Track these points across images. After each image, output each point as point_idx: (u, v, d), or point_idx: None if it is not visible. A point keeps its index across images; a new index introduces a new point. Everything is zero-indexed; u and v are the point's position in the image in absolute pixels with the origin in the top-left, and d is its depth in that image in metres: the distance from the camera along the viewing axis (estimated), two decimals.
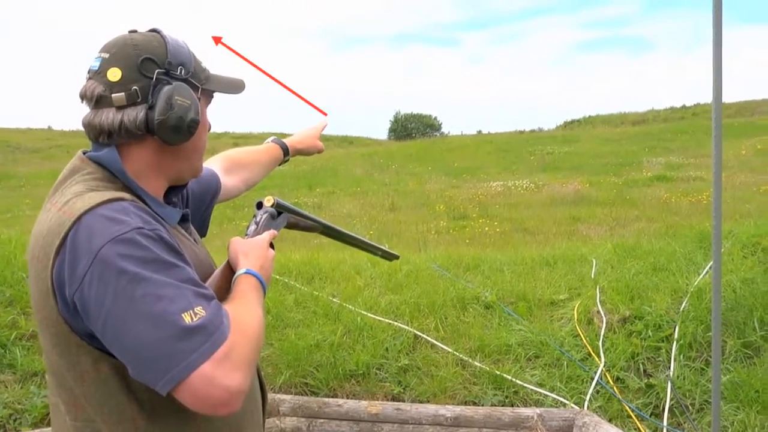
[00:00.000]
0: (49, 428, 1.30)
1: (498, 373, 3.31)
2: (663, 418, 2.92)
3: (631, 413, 2.98)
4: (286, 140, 1.82)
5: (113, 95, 1.15)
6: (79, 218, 1.04)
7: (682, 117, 33.52)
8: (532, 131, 39.46)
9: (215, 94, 1.33)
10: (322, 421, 3.17)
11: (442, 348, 3.62)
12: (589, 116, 42.49)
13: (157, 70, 1.17)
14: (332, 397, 3.35)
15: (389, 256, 1.94)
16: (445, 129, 57.35)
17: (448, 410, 3.04)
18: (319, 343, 3.64)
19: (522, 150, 23.54)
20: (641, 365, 3.28)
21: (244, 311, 1.12)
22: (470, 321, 3.91)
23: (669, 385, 3.08)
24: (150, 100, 1.16)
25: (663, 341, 3.37)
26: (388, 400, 3.31)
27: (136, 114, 1.15)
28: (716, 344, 2.14)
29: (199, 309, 1.02)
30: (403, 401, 3.26)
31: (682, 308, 3.60)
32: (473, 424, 2.96)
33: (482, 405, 3.14)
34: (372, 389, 3.38)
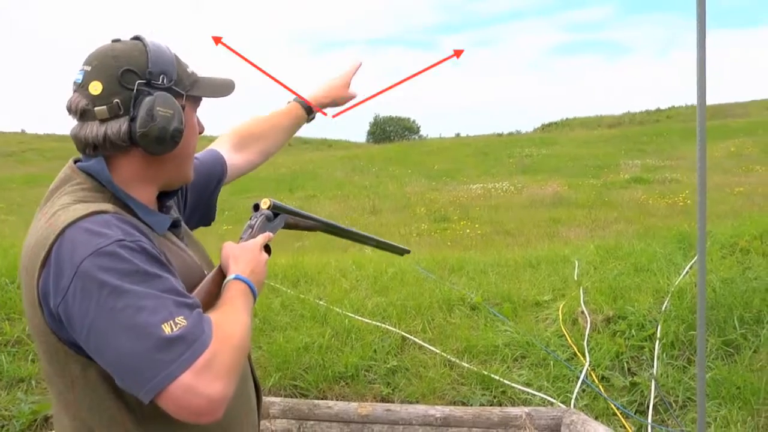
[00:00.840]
0: None
1: (486, 373, 3.35)
2: (648, 416, 2.98)
3: (616, 411, 3.04)
4: (308, 96, 1.72)
5: (96, 108, 1.16)
6: (62, 231, 1.06)
7: (657, 120, 34.02)
8: (510, 134, 39.73)
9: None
10: (312, 422, 3.18)
11: (429, 349, 3.66)
12: (567, 119, 42.92)
13: (137, 81, 1.18)
14: (322, 398, 3.36)
15: (399, 251, 1.86)
16: (423, 132, 57.46)
17: (438, 410, 3.07)
18: (307, 346, 3.65)
19: (501, 152, 23.70)
20: (625, 364, 3.34)
21: (229, 319, 1.13)
22: (457, 322, 3.95)
23: (653, 383, 3.15)
24: (132, 112, 1.17)
25: (646, 340, 3.44)
26: (377, 401, 3.33)
27: (119, 126, 1.16)
28: (701, 343, 2.20)
29: (180, 319, 1.03)
30: (393, 402, 3.28)
31: (663, 308, 3.67)
32: (463, 424, 3.00)
33: (471, 405, 3.17)
34: (361, 391, 3.41)
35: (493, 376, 3.33)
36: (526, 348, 3.58)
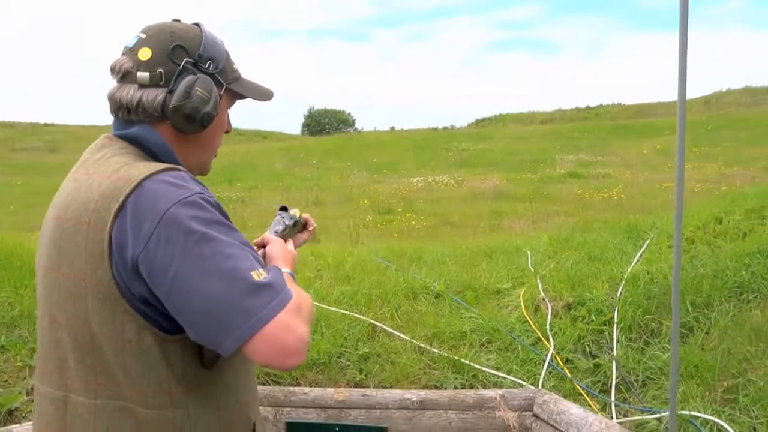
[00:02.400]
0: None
1: (456, 358, 3.45)
2: (611, 395, 3.15)
3: (582, 391, 3.20)
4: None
5: (138, 73, 1.18)
6: (140, 183, 1.07)
7: (587, 117, 35.20)
8: (445, 128, 40.25)
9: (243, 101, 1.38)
10: (288, 409, 3.21)
11: (399, 336, 3.74)
12: (500, 114, 43.81)
13: (186, 59, 1.21)
14: (296, 386, 3.39)
15: None
16: (358, 125, 57.54)
17: (414, 394, 3.15)
18: None
19: (438, 146, 24.07)
20: (587, 347, 3.51)
21: (296, 287, 1.17)
22: (423, 310, 4.04)
23: (614, 364, 3.32)
24: (172, 85, 1.19)
25: (605, 325, 3.62)
26: (351, 386, 3.39)
27: (155, 95, 1.18)
28: (675, 327, 2.36)
29: (262, 270, 1.07)
30: (367, 387, 3.35)
31: (619, 294, 3.87)
32: (439, 407, 3.09)
33: (445, 389, 3.27)
34: (335, 377, 3.46)
35: (463, 360, 3.43)
36: (492, 334, 3.71)
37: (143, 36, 1.22)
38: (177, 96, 1.18)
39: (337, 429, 3.10)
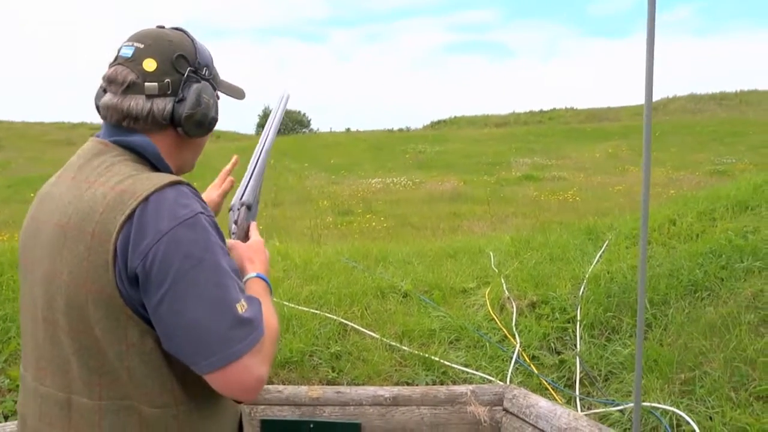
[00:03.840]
0: None
1: (426, 355, 3.54)
2: (576, 389, 3.28)
3: (548, 386, 3.32)
4: None
5: (146, 84, 1.22)
6: (146, 198, 1.11)
7: (540, 121, 35.93)
8: (401, 130, 40.48)
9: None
10: (263, 407, 3.24)
11: (369, 334, 3.80)
12: (455, 117, 44.28)
13: (188, 68, 1.28)
14: (269, 384, 3.42)
15: None
16: (313, 125, 57.36)
17: (387, 391, 3.22)
18: None
19: (395, 148, 24.24)
20: (552, 344, 3.64)
21: (268, 311, 1.24)
22: (392, 309, 4.12)
23: (577, 360, 3.46)
24: (180, 94, 1.25)
25: (569, 322, 3.76)
26: (324, 384, 3.44)
27: (164, 105, 1.24)
28: (640, 324, 2.49)
29: (244, 302, 1.14)
30: (340, 385, 3.40)
31: (581, 293, 4.02)
32: (412, 402, 3.17)
33: (416, 385, 3.35)
34: (307, 375, 3.50)
35: (433, 358, 3.52)
36: (459, 332, 3.81)
37: (140, 46, 1.24)
38: (189, 104, 1.25)
39: (311, 426, 3.15)
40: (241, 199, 1.57)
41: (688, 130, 23.41)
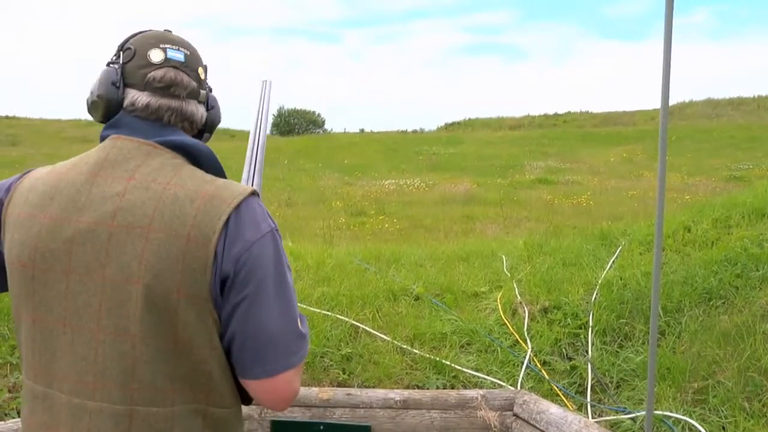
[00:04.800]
0: None
1: (438, 359, 3.54)
2: (587, 395, 3.26)
3: (559, 392, 3.31)
4: None
5: (201, 91, 1.27)
6: (239, 206, 1.12)
7: (555, 124, 35.81)
8: (415, 131, 40.49)
9: None
10: None
11: (381, 337, 3.80)
12: (469, 119, 44.24)
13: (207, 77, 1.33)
14: None
15: None
16: (327, 126, 57.49)
17: (397, 394, 3.22)
18: None
19: (409, 150, 24.23)
20: (564, 350, 3.63)
21: None
22: (403, 311, 4.12)
23: (589, 366, 3.45)
24: (208, 103, 1.31)
25: (581, 328, 3.75)
26: (334, 386, 3.45)
27: (203, 112, 1.30)
28: (653, 331, 2.47)
29: (299, 318, 1.18)
30: (351, 387, 3.41)
31: (593, 299, 4.00)
32: (422, 406, 3.17)
33: (427, 388, 3.35)
34: (318, 376, 3.51)
35: (444, 361, 3.52)
36: (471, 336, 3.80)
37: (187, 53, 1.27)
38: (218, 113, 1.34)
39: (321, 427, 3.15)
40: None
41: (705, 135, 23.23)
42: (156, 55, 1.23)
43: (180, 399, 1.13)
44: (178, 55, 1.25)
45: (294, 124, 55.07)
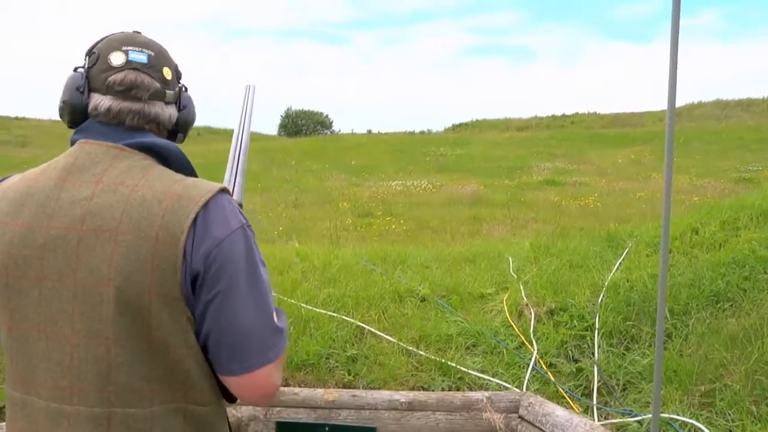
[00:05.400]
0: None
1: (443, 361, 3.53)
2: (593, 398, 3.25)
3: (564, 394, 3.30)
4: None
5: (167, 92, 1.26)
6: (206, 204, 1.12)
7: (562, 125, 35.71)
8: (422, 132, 40.47)
9: None
10: (278, 409, 3.25)
11: (386, 338, 3.80)
12: (477, 120, 44.21)
13: (179, 77, 1.33)
14: (285, 386, 3.44)
15: None
16: (335, 127, 57.50)
17: (402, 395, 3.22)
18: None
19: (416, 151, 24.21)
20: (570, 352, 3.62)
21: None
22: (409, 313, 4.11)
23: (595, 368, 3.43)
24: (181, 102, 1.31)
25: (587, 330, 3.73)
26: (340, 387, 3.44)
27: (172, 112, 1.29)
28: (659, 334, 2.46)
29: (275, 312, 1.18)
30: (356, 388, 3.40)
31: (600, 301, 3.99)
32: (427, 408, 3.16)
33: (432, 390, 3.34)
34: (323, 378, 3.51)
35: (450, 363, 3.51)
36: (477, 337, 3.79)
37: (151, 53, 1.26)
38: (191, 112, 1.33)
39: (326, 429, 3.15)
40: None
41: (714, 136, 23.10)
42: (117, 58, 1.23)
43: (158, 399, 1.13)
44: (140, 57, 1.24)
45: (302, 125, 55.16)
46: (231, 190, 1.52)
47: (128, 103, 1.22)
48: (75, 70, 1.26)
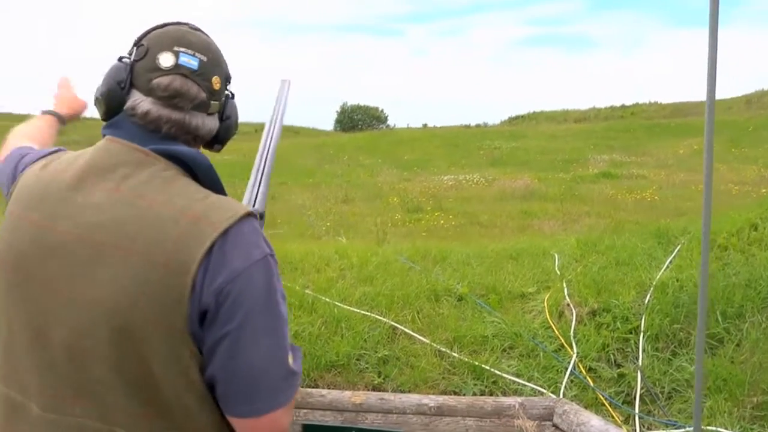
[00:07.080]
0: None
1: (477, 363, 3.40)
2: (635, 406, 3.06)
3: (604, 401, 3.12)
4: (55, 108, 1.66)
5: (212, 102, 1.15)
6: (226, 231, 1.03)
7: (622, 116, 34.66)
8: (478, 126, 40.06)
9: None
10: (305, 411, 3.20)
11: (419, 339, 3.69)
12: (533, 112, 43.45)
13: (229, 81, 1.22)
14: (313, 387, 3.38)
15: None
16: (390, 121, 57.56)
17: (431, 400, 3.11)
18: (297, 334, 3.66)
19: (470, 144, 23.91)
20: (612, 356, 3.43)
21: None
22: (445, 313, 3.99)
23: (639, 374, 3.24)
24: (225, 114, 1.20)
25: (631, 333, 3.53)
26: (369, 390, 3.36)
27: (214, 123, 1.19)
28: (700, 339, 2.28)
29: (291, 352, 1.07)
30: (385, 391, 3.31)
31: (646, 301, 3.77)
32: (456, 413, 3.04)
33: (463, 395, 3.22)
34: (353, 379, 3.43)
35: (483, 366, 3.38)
36: (514, 339, 3.64)
37: (204, 59, 1.15)
38: (234, 125, 1.22)
39: None
40: (253, 207, 1.43)
41: None
42: (166, 60, 1.13)
43: (158, 424, 1.05)
44: (191, 62, 1.14)
45: (357, 120, 55.44)
46: (254, 196, 1.41)
47: (168, 111, 1.13)
48: (120, 59, 1.16)
